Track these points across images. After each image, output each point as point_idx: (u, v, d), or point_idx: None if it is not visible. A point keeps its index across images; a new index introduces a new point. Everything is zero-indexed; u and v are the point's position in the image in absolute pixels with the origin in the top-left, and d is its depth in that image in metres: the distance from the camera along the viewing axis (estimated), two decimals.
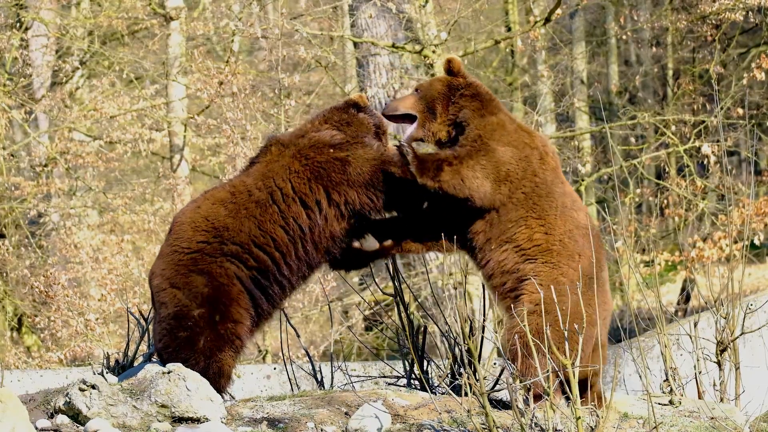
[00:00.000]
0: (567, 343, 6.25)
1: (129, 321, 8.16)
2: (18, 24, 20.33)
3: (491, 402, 6.74)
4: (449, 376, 7.78)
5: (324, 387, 8.34)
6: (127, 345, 8.00)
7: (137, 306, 16.10)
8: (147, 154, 21.75)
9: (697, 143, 18.72)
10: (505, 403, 6.93)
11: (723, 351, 7.73)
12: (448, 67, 7.26)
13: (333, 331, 13.71)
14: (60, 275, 18.16)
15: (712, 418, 6.90)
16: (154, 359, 7.03)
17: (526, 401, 6.42)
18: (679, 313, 19.69)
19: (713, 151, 18.41)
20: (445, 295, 16.05)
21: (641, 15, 22.52)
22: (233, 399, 7.26)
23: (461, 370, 7.49)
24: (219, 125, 19.68)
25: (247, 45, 26.38)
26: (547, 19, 18.40)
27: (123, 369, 7.66)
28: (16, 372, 11.22)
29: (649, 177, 20.91)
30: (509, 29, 22.30)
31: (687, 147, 18.64)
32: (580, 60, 24.18)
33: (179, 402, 6.45)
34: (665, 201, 20.13)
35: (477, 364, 6.36)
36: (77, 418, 6.47)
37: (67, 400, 6.50)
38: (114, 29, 21.41)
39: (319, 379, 8.40)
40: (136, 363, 7.70)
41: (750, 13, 19.26)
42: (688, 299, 21.05)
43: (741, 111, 19.42)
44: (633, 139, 23.23)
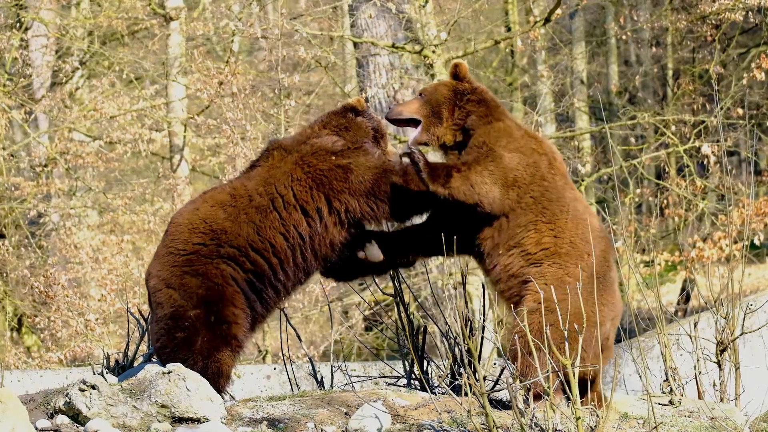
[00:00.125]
0: (567, 343, 6.25)
1: (129, 321, 8.16)
2: (18, 24, 20.32)
3: (491, 402, 6.74)
4: (449, 376, 7.77)
5: (324, 387, 8.35)
6: (127, 345, 8.00)
7: (137, 306, 16.08)
8: (147, 154, 21.74)
9: (697, 143, 18.71)
10: (505, 403, 6.93)
11: (723, 351, 7.73)
12: (454, 72, 7.23)
13: (333, 331, 13.70)
14: (60, 275, 18.16)
15: (712, 418, 6.90)
16: (154, 359, 7.03)
17: (526, 401, 6.42)
18: (679, 313, 19.68)
19: (713, 151, 18.40)
20: (445, 295, 16.06)
21: (641, 15, 22.52)
22: (233, 399, 7.26)
23: (461, 370, 7.48)
24: (219, 125, 19.68)
25: (247, 45, 26.38)
26: (547, 20, 18.39)
27: (123, 369, 7.66)
28: (16, 372, 11.21)
29: (649, 177, 20.90)
30: (509, 29, 22.30)
31: (687, 147, 18.63)
32: (579, 60, 24.18)
33: (179, 402, 6.45)
34: (665, 201, 20.12)
35: (477, 364, 6.36)
36: (77, 418, 6.47)
37: (67, 400, 6.50)
38: (114, 29, 21.40)
39: (319, 380, 8.41)
40: (136, 363, 7.70)
41: (750, 13, 19.26)
42: (688, 299, 21.05)
43: (741, 111, 19.41)
44: (633, 139, 23.22)
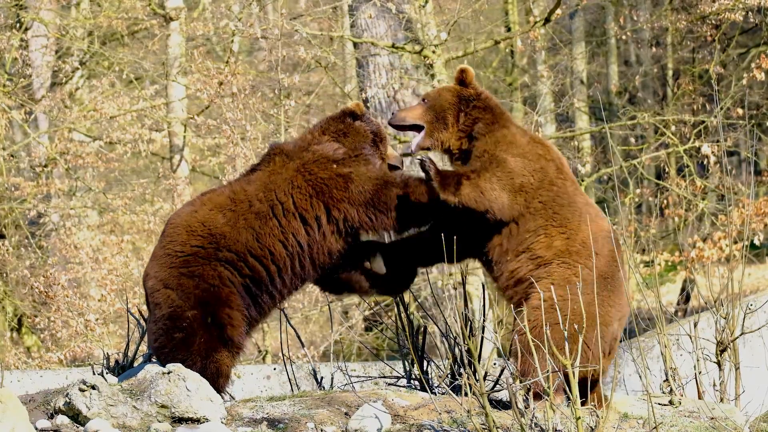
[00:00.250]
0: (567, 343, 6.24)
1: (129, 321, 8.16)
2: (18, 24, 20.31)
3: (491, 402, 6.74)
4: (449, 376, 7.77)
5: (324, 387, 8.35)
6: (127, 345, 8.00)
7: (137, 306, 16.08)
8: (147, 154, 21.74)
9: (697, 143, 18.70)
10: (505, 403, 6.93)
11: (723, 351, 7.73)
12: (461, 77, 7.20)
13: (333, 332, 13.71)
14: (60, 276, 18.15)
15: (712, 418, 6.90)
16: (154, 359, 7.03)
17: (526, 401, 6.41)
18: (679, 313, 19.68)
19: (713, 152, 18.38)
20: (445, 295, 16.05)
21: (641, 15, 22.51)
22: (233, 399, 7.26)
23: (461, 370, 7.48)
24: (219, 125, 19.67)
25: (247, 45, 26.38)
26: (547, 20, 18.39)
27: (123, 369, 7.66)
28: (16, 372, 11.19)
29: (649, 177, 20.89)
30: (509, 29, 22.30)
31: (687, 147, 18.62)
32: (579, 60, 24.18)
33: (179, 402, 6.45)
34: (665, 201, 20.11)
35: (477, 364, 6.35)
36: (77, 418, 6.47)
37: (67, 400, 6.50)
38: (114, 29, 21.40)
39: (319, 380, 8.41)
40: (136, 363, 7.70)
41: (750, 13, 19.25)
42: (688, 299, 21.05)
43: (741, 111, 19.40)
44: (633, 140, 23.21)
